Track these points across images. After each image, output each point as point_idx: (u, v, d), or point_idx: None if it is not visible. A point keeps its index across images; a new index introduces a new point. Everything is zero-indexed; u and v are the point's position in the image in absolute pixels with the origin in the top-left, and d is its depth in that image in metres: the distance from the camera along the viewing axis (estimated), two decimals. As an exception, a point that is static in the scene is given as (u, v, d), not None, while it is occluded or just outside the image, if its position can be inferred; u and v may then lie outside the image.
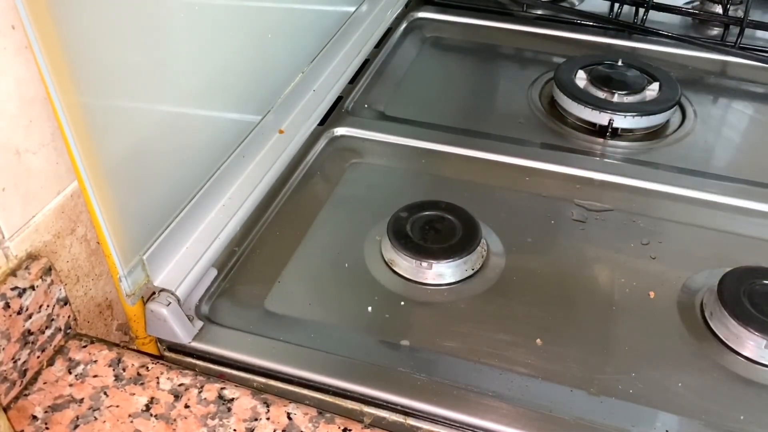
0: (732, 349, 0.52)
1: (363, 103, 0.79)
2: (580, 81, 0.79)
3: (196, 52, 0.55)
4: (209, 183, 0.58)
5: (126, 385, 0.47)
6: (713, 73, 0.88)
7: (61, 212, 0.48)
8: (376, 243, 0.61)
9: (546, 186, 0.69)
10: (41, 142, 0.45)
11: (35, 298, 0.45)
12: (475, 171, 0.71)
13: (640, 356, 0.52)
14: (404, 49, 0.91)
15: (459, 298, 0.57)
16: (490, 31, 0.96)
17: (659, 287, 0.57)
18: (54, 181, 0.47)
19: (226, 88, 0.60)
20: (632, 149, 0.74)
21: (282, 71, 0.69)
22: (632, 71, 0.80)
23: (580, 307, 0.56)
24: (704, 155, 0.74)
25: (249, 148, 0.63)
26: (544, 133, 0.76)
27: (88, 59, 0.43)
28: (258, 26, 0.63)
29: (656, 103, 0.76)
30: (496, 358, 0.52)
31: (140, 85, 0.49)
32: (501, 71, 0.91)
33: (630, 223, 0.63)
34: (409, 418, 0.48)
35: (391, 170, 0.72)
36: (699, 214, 0.66)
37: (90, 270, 0.51)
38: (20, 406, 0.45)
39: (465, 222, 0.60)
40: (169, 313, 0.50)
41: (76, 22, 0.41)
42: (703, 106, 0.81)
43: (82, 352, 0.49)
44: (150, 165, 0.51)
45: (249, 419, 0.45)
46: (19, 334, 0.45)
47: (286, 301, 0.56)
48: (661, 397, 0.50)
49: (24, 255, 0.46)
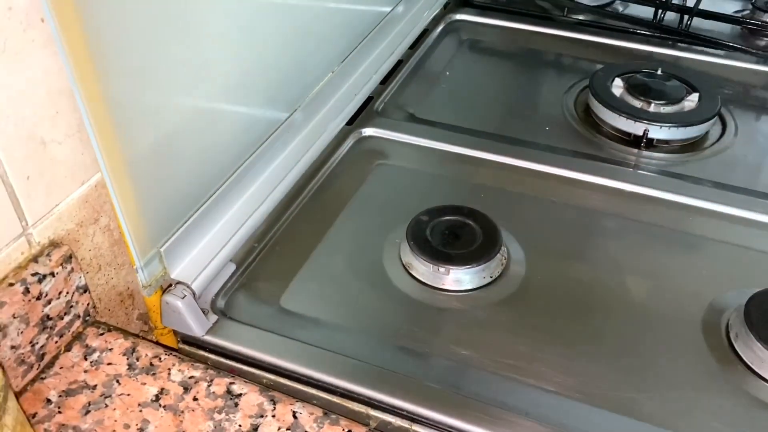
0: (757, 373, 0.50)
1: (393, 105, 0.79)
2: (616, 89, 0.77)
3: (226, 49, 0.55)
4: (232, 178, 0.58)
5: (138, 375, 0.48)
6: (760, 86, 0.85)
7: (85, 202, 0.49)
8: (395, 246, 0.60)
9: (575, 195, 0.67)
10: (67, 133, 0.46)
11: (55, 284, 0.47)
12: (503, 177, 0.70)
13: (661, 375, 0.51)
14: (440, 51, 0.91)
15: (476, 306, 0.56)
16: (529, 35, 0.95)
17: (685, 305, 0.55)
18: (79, 171, 0.48)
19: (254, 85, 0.60)
20: (667, 161, 0.72)
21: (312, 69, 0.69)
22: (672, 81, 0.78)
23: (600, 321, 0.55)
24: (742, 171, 0.71)
25: (275, 145, 0.64)
26: (577, 142, 0.75)
27: (115, 54, 0.44)
28: (290, 24, 0.63)
29: (694, 115, 0.74)
30: (510, 369, 0.51)
31: (168, 81, 0.49)
32: (537, 77, 0.90)
33: (658, 237, 0.62)
34: (414, 424, 0.47)
35: (417, 173, 0.71)
36: (731, 231, 0.63)
37: (112, 259, 0.52)
38: (36, 389, 0.46)
39: (486, 228, 0.59)
40: (183, 306, 0.51)
41: (103, 18, 0.42)
42: (745, 120, 0.78)
43: (99, 340, 0.50)
44: (173, 159, 0.52)
45: (255, 415, 0.45)
46: (37, 319, 0.46)
47: (302, 299, 0.56)
48: (680, 419, 0.48)
49: (46, 242, 0.47)
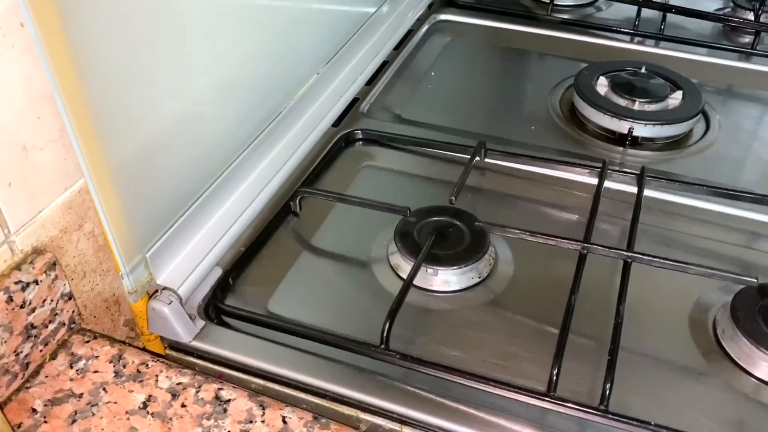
0: (743, 369, 0.51)
1: (379, 106, 0.79)
2: (601, 87, 0.77)
3: (207, 52, 0.55)
4: (218, 181, 0.58)
5: (125, 382, 0.47)
6: (742, 82, 0.85)
7: (69, 208, 0.48)
8: (383, 247, 0.60)
9: (561, 194, 0.68)
10: (49, 139, 0.45)
11: (39, 292, 0.46)
12: (489, 177, 0.70)
13: (648, 373, 0.51)
14: (425, 52, 0.91)
15: (465, 306, 0.56)
16: (513, 34, 0.95)
17: (672, 302, 0.56)
18: (61, 177, 0.47)
19: (239, 88, 0.60)
20: (652, 159, 0.72)
21: (298, 71, 0.69)
22: (655, 79, 0.78)
23: (589, 320, 0.55)
24: (726, 167, 0.72)
25: (260, 147, 0.63)
26: (562, 140, 0.75)
27: (97, 58, 0.43)
28: (275, 26, 0.63)
29: (678, 112, 0.74)
30: (499, 370, 0.51)
31: (152, 85, 0.49)
32: (522, 76, 0.90)
33: (645, 234, 0.62)
34: (405, 426, 0.47)
35: (403, 174, 0.71)
36: (717, 228, 0.64)
37: (97, 266, 0.52)
38: (21, 398, 0.46)
39: (473, 229, 0.59)
40: (170, 312, 0.50)
41: (84, 21, 0.42)
42: (728, 117, 0.79)
43: (85, 347, 0.49)
44: (158, 163, 0.52)
45: (244, 421, 0.45)
46: (21, 328, 0.45)
47: (289, 303, 0.56)
48: (668, 416, 0.48)
49: (29, 249, 0.46)
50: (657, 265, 0.54)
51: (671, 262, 0.53)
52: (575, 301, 0.52)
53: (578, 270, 0.55)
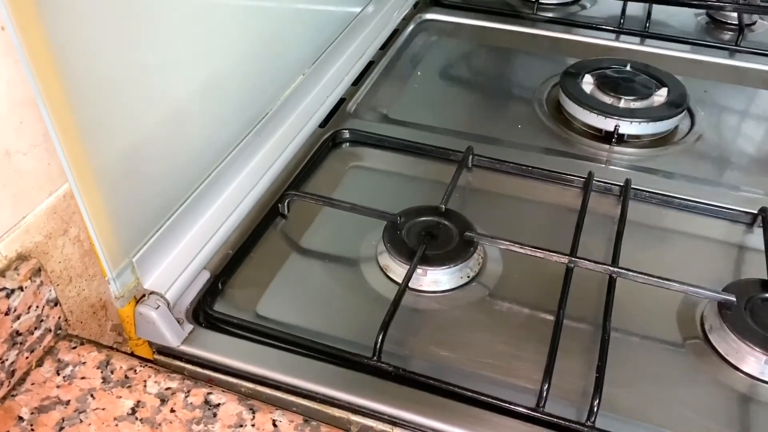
0: (732, 364, 0.51)
1: (366, 106, 0.79)
2: (586, 85, 0.78)
3: (192, 54, 0.54)
4: (204, 184, 0.58)
5: (113, 388, 0.47)
6: (726, 78, 0.86)
7: (53, 213, 0.47)
8: (372, 248, 0.60)
9: (548, 192, 0.68)
10: (32, 143, 0.44)
11: (24, 299, 0.45)
12: (476, 176, 0.70)
13: (637, 370, 0.51)
14: (410, 51, 0.91)
15: (454, 306, 0.56)
16: (499, 33, 0.95)
17: (659, 298, 0.56)
18: (45, 182, 0.46)
19: (225, 90, 0.59)
20: (638, 156, 0.73)
21: (284, 72, 0.69)
22: (641, 76, 0.79)
23: (578, 317, 0.55)
24: (712, 163, 0.72)
25: (247, 149, 0.63)
26: (549, 139, 0.75)
27: (80, 61, 0.43)
28: (260, 27, 0.63)
29: (663, 109, 0.75)
30: (490, 369, 0.51)
31: (136, 87, 0.49)
32: (508, 75, 0.90)
33: (631, 231, 0.62)
34: (396, 428, 0.47)
35: (391, 175, 0.71)
36: (704, 224, 0.64)
37: (83, 271, 0.51)
38: (7, 406, 0.45)
39: (462, 228, 0.59)
40: (157, 316, 0.50)
41: (66, 24, 0.41)
42: (713, 113, 0.79)
43: (72, 354, 0.49)
44: (143, 166, 0.51)
45: (234, 425, 0.45)
46: (6, 335, 0.45)
47: (278, 305, 0.56)
48: (657, 412, 0.48)
49: (14, 256, 0.45)
50: (641, 281, 0.54)
51: (656, 279, 0.53)
52: (563, 317, 0.52)
53: (566, 282, 0.55)
